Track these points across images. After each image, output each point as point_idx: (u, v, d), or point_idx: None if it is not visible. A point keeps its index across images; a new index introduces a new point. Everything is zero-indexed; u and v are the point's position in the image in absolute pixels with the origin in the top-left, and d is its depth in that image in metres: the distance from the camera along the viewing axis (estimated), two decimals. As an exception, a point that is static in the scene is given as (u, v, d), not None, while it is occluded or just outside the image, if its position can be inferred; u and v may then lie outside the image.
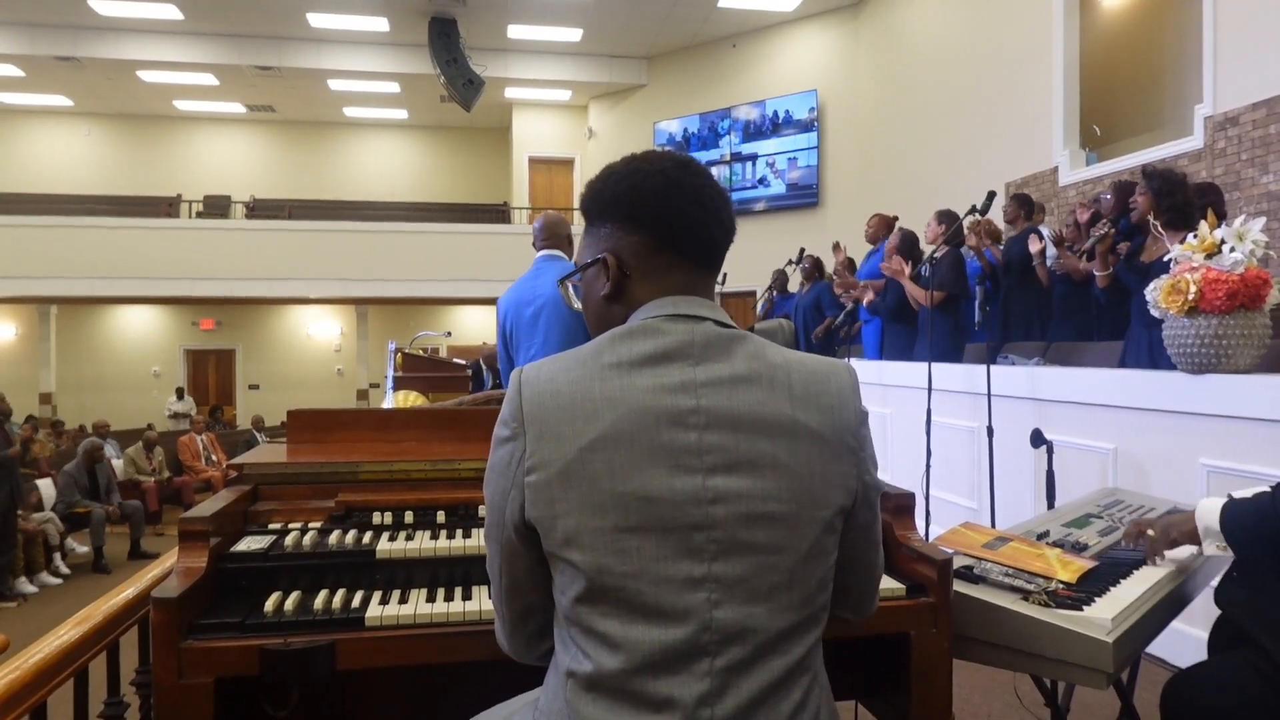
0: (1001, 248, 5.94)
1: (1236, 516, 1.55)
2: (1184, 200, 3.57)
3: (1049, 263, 5.19)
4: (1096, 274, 4.38)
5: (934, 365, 4.41)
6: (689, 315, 1.06)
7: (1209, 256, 2.97)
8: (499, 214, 16.84)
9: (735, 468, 0.99)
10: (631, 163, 1.13)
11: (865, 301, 6.19)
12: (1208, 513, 1.59)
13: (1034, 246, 5.17)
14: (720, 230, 1.12)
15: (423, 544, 1.49)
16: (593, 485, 0.98)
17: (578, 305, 1.22)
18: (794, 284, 8.35)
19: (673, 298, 1.08)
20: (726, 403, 1.01)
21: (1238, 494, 1.75)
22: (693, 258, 1.11)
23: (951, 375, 4.65)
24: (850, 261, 7.33)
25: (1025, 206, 5.78)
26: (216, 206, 16.06)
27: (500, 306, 3.41)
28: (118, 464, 9.22)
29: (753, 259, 9.69)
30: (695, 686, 0.95)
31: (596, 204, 1.14)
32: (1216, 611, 1.68)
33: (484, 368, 8.80)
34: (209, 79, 15.14)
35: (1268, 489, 1.72)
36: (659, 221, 1.09)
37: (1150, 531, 1.71)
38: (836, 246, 7.31)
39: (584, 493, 0.98)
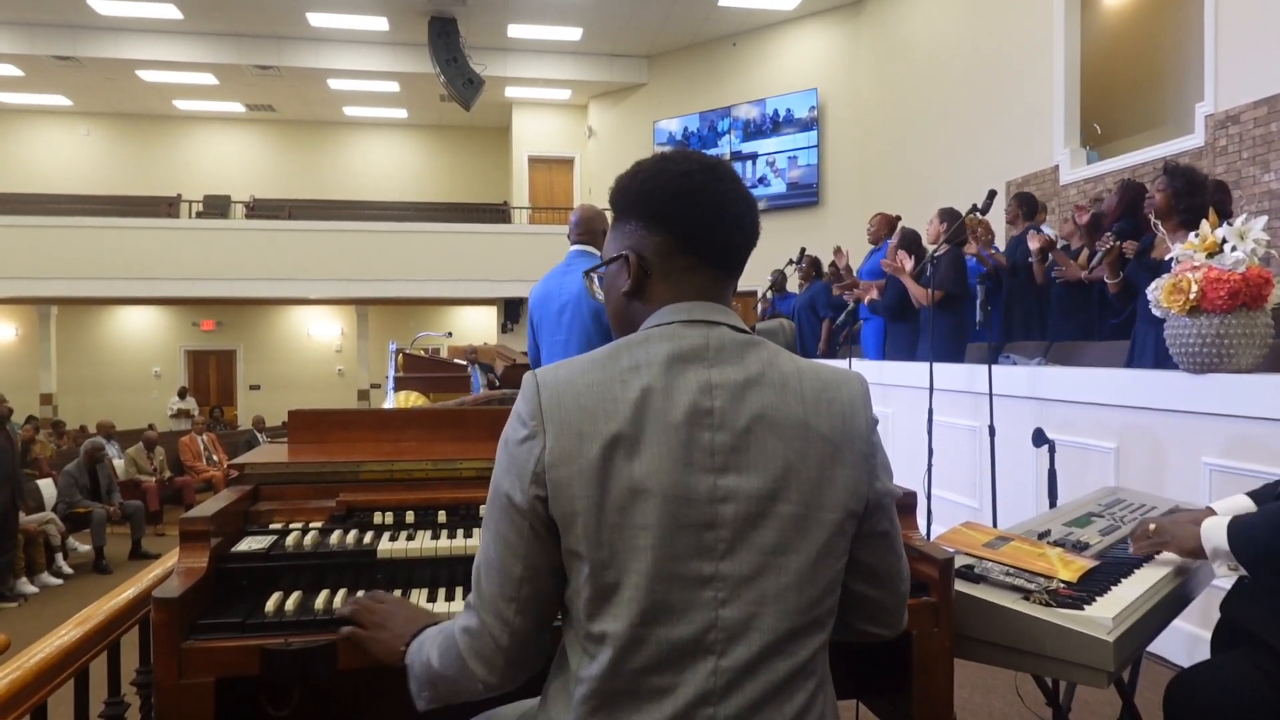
0: (998, 249, 5.93)
1: (1245, 534, 1.52)
2: (1201, 203, 3.55)
3: (1050, 270, 5.18)
4: (1107, 281, 4.34)
5: (935, 365, 4.41)
6: (705, 320, 1.08)
7: (1210, 255, 2.97)
8: (499, 213, 16.84)
9: (746, 468, 1.00)
10: (660, 161, 1.13)
11: (867, 300, 6.18)
12: (1214, 533, 1.55)
13: (1033, 244, 5.16)
14: (742, 236, 1.13)
15: (424, 544, 1.49)
16: (610, 484, 0.98)
17: (600, 296, 1.23)
18: (794, 284, 8.35)
19: (689, 303, 1.09)
20: (739, 404, 1.02)
21: (1218, 505, 1.73)
22: (713, 261, 1.12)
23: (953, 375, 4.65)
24: (848, 268, 7.34)
25: (1026, 206, 5.78)
26: (216, 206, 16.06)
27: (530, 296, 3.41)
28: (119, 464, 9.22)
29: (753, 258, 9.60)
30: (701, 685, 0.96)
31: (623, 200, 1.15)
32: (1218, 611, 1.68)
33: (469, 366, 8.73)
34: (208, 78, 15.14)
35: (1245, 496, 1.72)
36: (679, 223, 1.10)
37: (1152, 526, 1.69)
38: (838, 251, 7.31)
39: (602, 491, 0.98)
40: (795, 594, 1.00)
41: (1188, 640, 3.05)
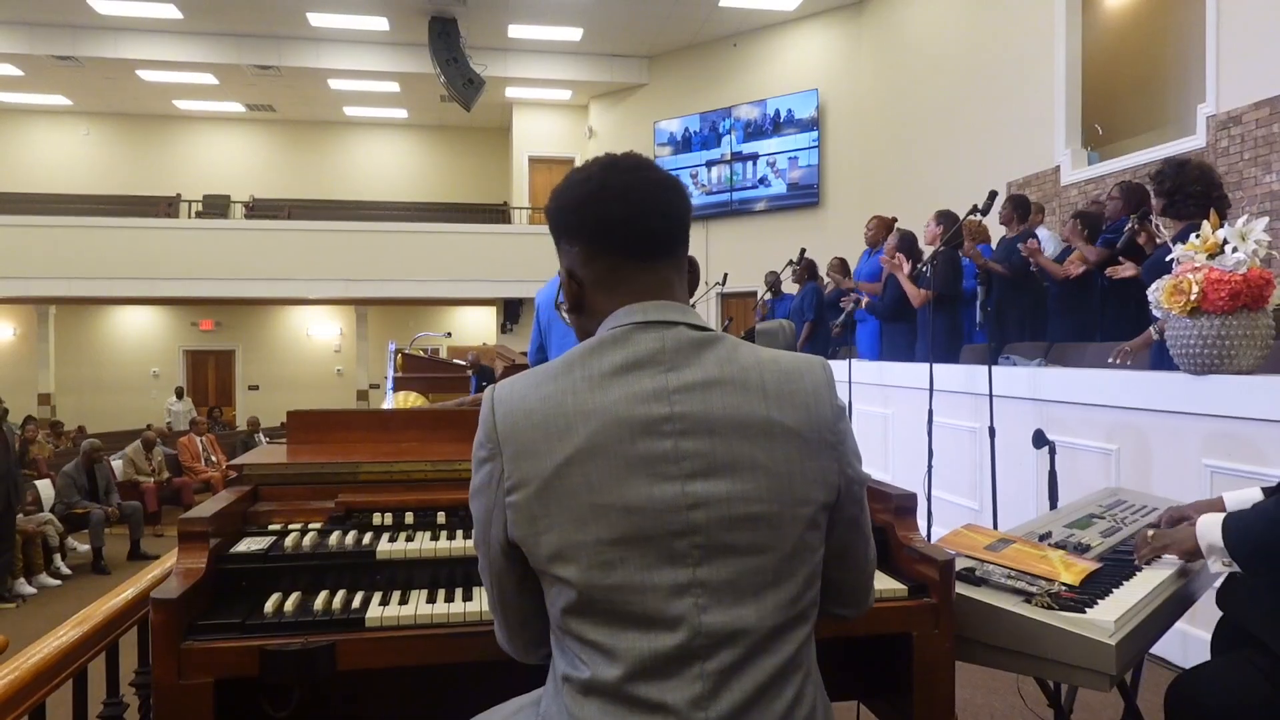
0: (995, 247, 5.94)
1: (1241, 530, 1.51)
2: (1182, 185, 3.54)
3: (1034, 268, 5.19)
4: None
5: (935, 366, 4.40)
6: (660, 321, 1.06)
7: (1211, 256, 2.96)
8: (499, 214, 16.85)
9: (713, 472, 1.00)
10: (569, 175, 1.14)
11: (865, 304, 6.20)
12: (1209, 529, 1.54)
13: (1026, 251, 5.15)
14: (657, 219, 1.11)
15: (423, 544, 1.48)
16: (573, 500, 0.98)
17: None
18: (790, 285, 8.35)
19: (642, 304, 1.08)
20: (701, 407, 1.01)
21: (1228, 495, 1.73)
22: (634, 254, 1.10)
23: (953, 376, 4.65)
24: (843, 263, 7.36)
25: (1020, 209, 5.78)
26: (216, 206, 16.07)
27: (539, 300, 3.37)
28: (117, 465, 9.21)
29: (753, 259, 9.70)
30: (688, 690, 0.96)
31: (550, 223, 1.16)
32: (1219, 612, 1.67)
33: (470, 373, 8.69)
34: (208, 78, 15.14)
35: (1260, 490, 1.71)
36: (587, 228, 1.11)
37: (1150, 533, 1.70)
38: (830, 272, 7.36)
39: (565, 508, 0.98)
40: (775, 592, 1.00)
41: (1190, 642, 3.05)
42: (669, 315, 1.07)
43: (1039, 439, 3.24)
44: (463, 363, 9.39)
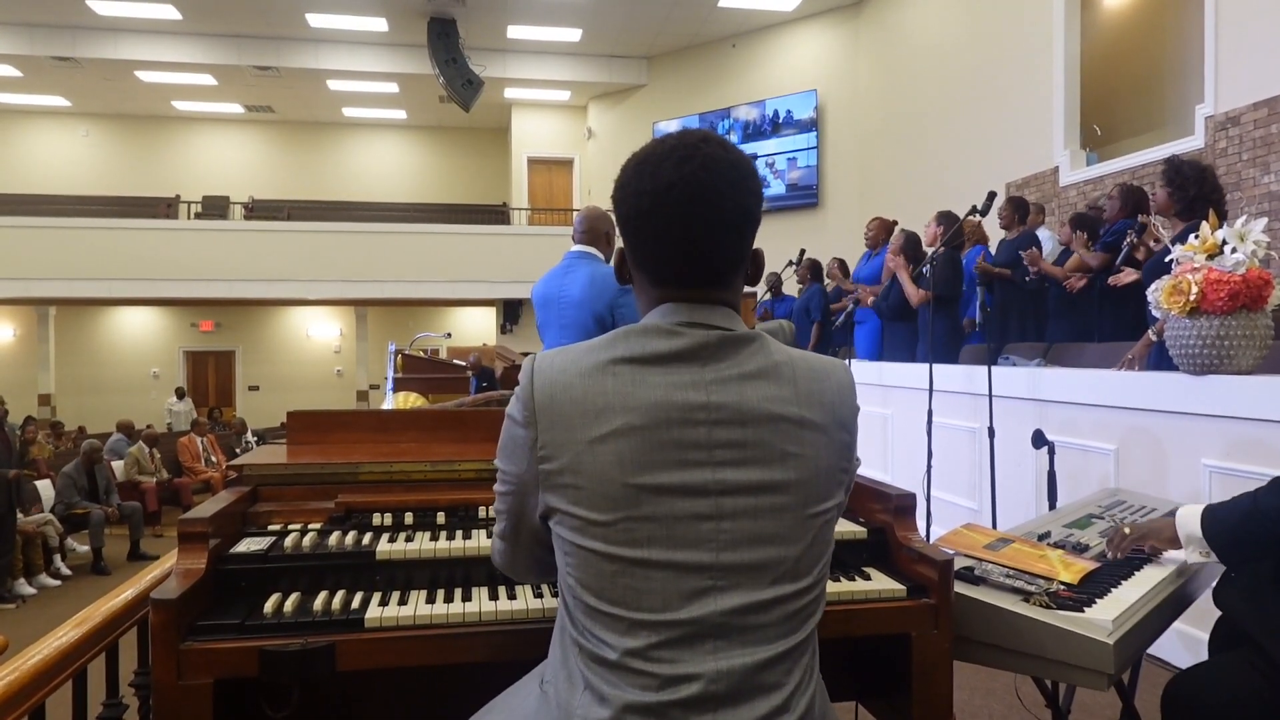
0: (995, 250, 5.95)
1: (1217, 520, 1.57)
2: (1200, 194, 3.55)
3: (1030, 277, 5.21)
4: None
5: (935, 366, 4.40)
6: (704, 324, 1.07)
7: (1210, 257, 2.97)
8: (498, 214, 16.84)
9: (745, 462, 1.02)
10: (635, 170, 1.09)
11: (868, 303, 6.19)
12: (1188, 520, 1.60)
13: (1028, 260, 5.16)
14: (705, 249, 1.07)
15: (422, 545, 1.48)
16: (603, 476, 1.00)
17: None
18: (793, 286, 8.34)
19: (689, 305, 1.08)
20: (736, 398, 1.04)
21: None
22: (670, 282, 1.10)
23: (952, 376, 4.65)
24: (843, 264, 7.36)
25: (1020, 210, 5.78)
26: (215, 207, 16.06)
27: (533, 295, 3.35)
28: (118, 466, 9.21)
29: (752, 259, 9.67)
30: (700, 665, 0.99)
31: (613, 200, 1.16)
32: (1217, 612, 1.68)
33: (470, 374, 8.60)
34: (207, 79, 15.13)
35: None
36: (634, 252, 1.12)
37: (1126, 529, 1.73)
38: (831, 270, 7.36)
39: (594, 483, 1.01)
40: (792, 581, 1.03)
41: (1187, 642, 3.05)
42: (713, 320, 1.08)
43: (1038, 439, 3.24)
44: (462, 363, 9.36)
